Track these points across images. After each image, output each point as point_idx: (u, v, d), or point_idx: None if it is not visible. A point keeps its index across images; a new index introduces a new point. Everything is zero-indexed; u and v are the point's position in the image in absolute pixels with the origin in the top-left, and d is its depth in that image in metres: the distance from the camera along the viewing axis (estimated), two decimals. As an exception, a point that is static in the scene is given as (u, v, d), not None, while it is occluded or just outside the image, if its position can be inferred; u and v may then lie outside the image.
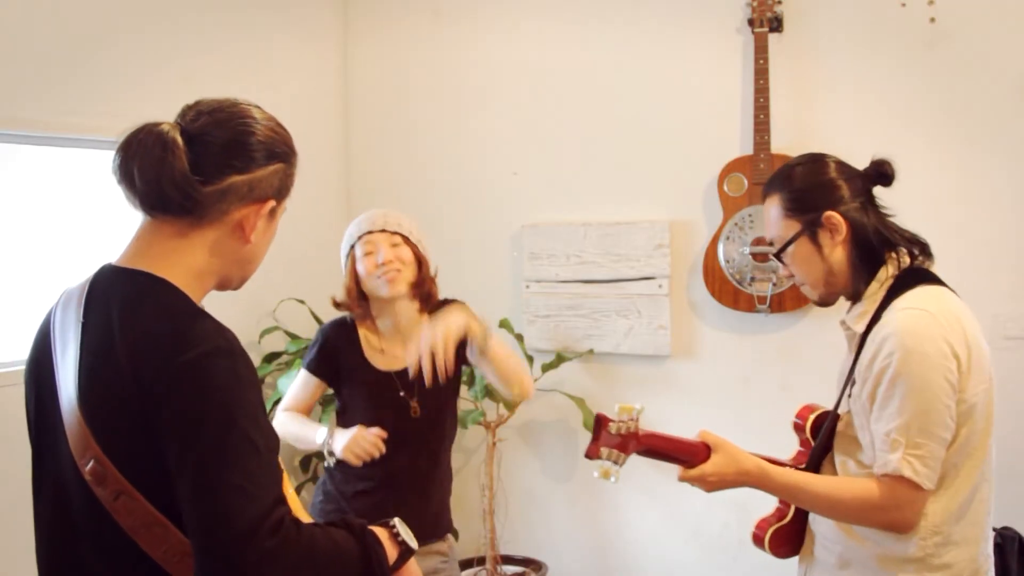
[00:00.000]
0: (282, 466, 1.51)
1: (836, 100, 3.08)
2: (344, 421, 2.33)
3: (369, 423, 2.23)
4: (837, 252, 1.73)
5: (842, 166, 1.79)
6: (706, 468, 1.71)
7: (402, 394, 2.31)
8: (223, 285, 1.36)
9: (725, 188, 3.15)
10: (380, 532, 1.37)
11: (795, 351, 3.15)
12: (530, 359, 3.45)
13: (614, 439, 1.70)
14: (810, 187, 1.75)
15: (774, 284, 3.05)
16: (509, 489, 3.60)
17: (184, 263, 1.27)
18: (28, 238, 2.87)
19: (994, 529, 2.01)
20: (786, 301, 3.07)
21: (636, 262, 3.37)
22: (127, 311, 1.22)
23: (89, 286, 1.28)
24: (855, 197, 1.74)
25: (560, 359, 3.42)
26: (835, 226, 1.72)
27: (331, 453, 2.21)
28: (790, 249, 1.77)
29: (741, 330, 3.25)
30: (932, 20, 2.93)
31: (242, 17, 3.48)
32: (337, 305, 2.36)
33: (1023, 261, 2.88)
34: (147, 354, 1.17)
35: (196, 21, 3.29)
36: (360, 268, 2.28)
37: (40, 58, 2.76)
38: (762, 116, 3.04)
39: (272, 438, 1.23)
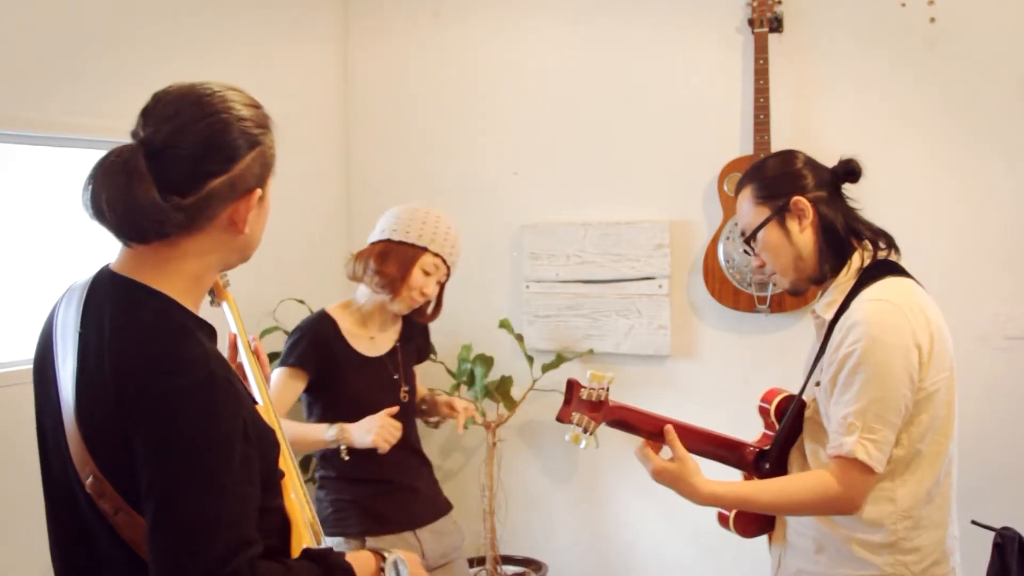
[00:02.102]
0: (292, 463, 1.49)
1: (836, 100, 3.08)
2: (337, 413, 2.31)
3: (370, 408, 2.26)
4: (804, 236, 1.80)
5: (810, 160, 1.87)
6: (658, 465, 1.75)
7: (396, 376, 2.39)
8: (225, 268, 1.35)
9: (725, 188, 3.15)
10: (365, 560, 1.35)
11: (795, 351, 3.13)
12: (530, 359, 3.45)
13: (585, 405, 1.76)
14: (778, 175, 1.84)
15: (774, 284, 3.05)
16: (509, 489, 3.60)
17: (180, 271, 1.24)
18: (28, 238, 2.87)
19: (994, 529, 2.03)
20: (786, 301, 3.07)
21: (636, 262, 3.37)
22: (117, 329, 1.19)
23: (88, 291, 1.25)
24: (821, 187, 1.82)
25: (560, 359, 3.42)
26: (802, 210, 1.79)
27: (347, 448, 2.23)
28: (760, 235, 1.84)
29: (741, 330, 3.25)
30: (932, 20, 2.93)
31: (242, 17, 3.48)
32: (381, 261, 2.30)
33: (1023, 261, 2.88)
34: (129, 377, 1.15)
35: (196, 21, 3.28)
36: (415, 276, 2.30)
37: (40, 58, 2.76)
38: (762, 116, 3.04)
39: (248, 469, 1.19)
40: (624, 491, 3.49)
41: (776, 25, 3.06)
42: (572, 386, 1.77)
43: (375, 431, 2.18)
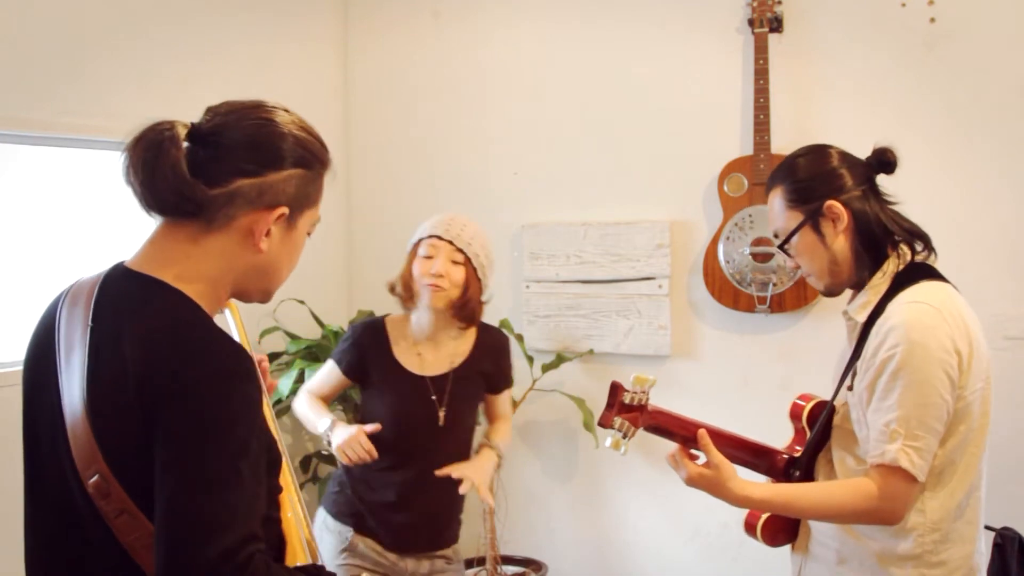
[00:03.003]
0: (292, 481, 1.46)
1: (836, 100, 3.08)
2: (373, 416, 2.31)
3: (403, 419, 2.27)
4: (839, 241, 1.74)
5: (844, 155, 1.79)
6: (692, 472, 1.70)
7: (433, 398, 2.33)
8: (242, 296, 1.32)
9: (725, 188, 3.15)
10: None
11: (795, 351, 3.15)
12: (530, 359, 3.45)
13: (626, 409, 1.70)
14: (812, 177, 1.76)
15: (774, 284, 3.05)
16: (509, 489, 3.60)
17: (197, 271, 1.23)
18: (28, 238, 2.87)
19: (994, 529, 2.01)
20: (786, 301, 3.07)
21: (636, 262, 3.37)
22: (137, 323, 1.17)
23: (99, 288, 1.23)
24: (857, 185, 1.75)
25: (560, 359, 3.42)
26: (836, 215, 1.73)
27: (329, 443, 2.25)
28: (794, 240, 1.77)
29: (741, 330, 3.25)
30: (932, 20, 2.93)
31: (242, 18, 3.48)
32: (391, 290, 2.38)
33: (1023, 261, 2.88)
34: (152, 370, 1.13)
35: (196, 21, 3.29)
36: (415, 267, 2.30)
37: (40, 58, 2.77)
38: (762, 116, 3.04)
39: (260, 468, 1.18)
40: (624, 491, 3.49)
41: (776, 25, 3.06)
42: (616, 389, 1.70)
43: (342, 442, 2.18)
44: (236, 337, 1.64)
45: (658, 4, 3.33)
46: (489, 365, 2.45)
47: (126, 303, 1.20)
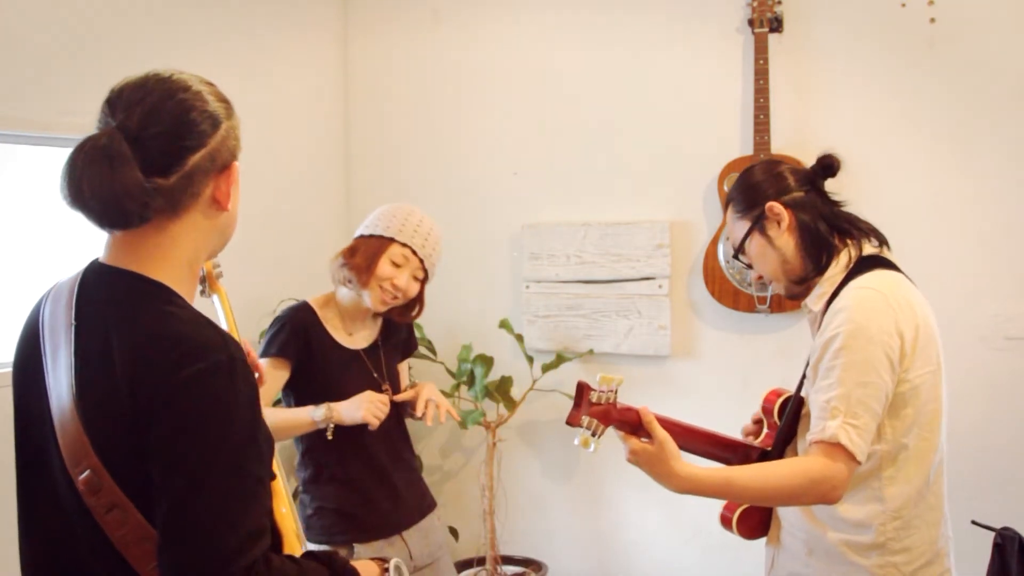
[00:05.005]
0: (280, 470, 1.47)
1: (836, 100, 3.08)
2: (312, 401, 2.26)
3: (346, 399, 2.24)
4: (785, 239, 1.81)
5: (789, 165, 1.87)
6: (636, 445, 1.67)
7: (375, 375, 2.35)
8: (212, 255, 1.34)
9: (725, 188, 3.15)
10: (368, 568, 1.34)
11: (795, 351, 3.14)
12: (530, 359, 3.45)
13: (594, 408, 1.71)
14: (754, 185, 1.85)
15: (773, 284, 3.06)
16: (509, 489, 3.60)
17: (172, 258, 1.23)
18: (27, 238, 2.87)
19: (994, 529, 2.02)
20: (786, 301, 3.06)
21: (636, 262, 3.37)
22: (124, 318, 1.17)
23: (79, 286, 1.24)
24: (799, 187, 1.82)
25: (560, 359, 3.42)
26: (778, 215, 1.80)
27: (329, 426, 2.19)
28: (747, 248, 1.85)
29: (741, 330, 3.25)
30: (932, 20, 2.93)
31: (242, 17, 3.48)
32: (347, 257, 2.30)
33: (1023, 261, 2.88)
34: (144, 366, 1.13)
35: (196, 21, 3.29)
36: (382, 267, 2.26)
37: (40, 58, 2.77)
38: (762, 116, 3.04)
39: (264, 455, 1.18)
40: (624, 491, 3.49)
41: (776, 25, 3.06)
42: (582, 389, 1.73)
43: (364, 406, 2.16)
44: (224, 324, 1.64)
45: (658, 4, 3.33)
46: (402, 330, 2.49)
47: (109, 301, 1.20)
